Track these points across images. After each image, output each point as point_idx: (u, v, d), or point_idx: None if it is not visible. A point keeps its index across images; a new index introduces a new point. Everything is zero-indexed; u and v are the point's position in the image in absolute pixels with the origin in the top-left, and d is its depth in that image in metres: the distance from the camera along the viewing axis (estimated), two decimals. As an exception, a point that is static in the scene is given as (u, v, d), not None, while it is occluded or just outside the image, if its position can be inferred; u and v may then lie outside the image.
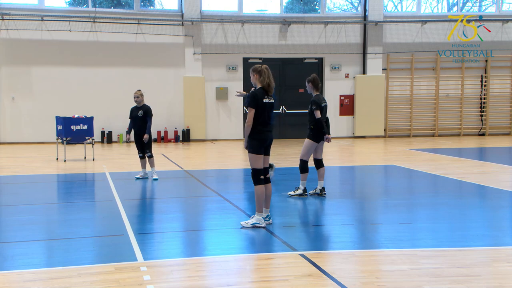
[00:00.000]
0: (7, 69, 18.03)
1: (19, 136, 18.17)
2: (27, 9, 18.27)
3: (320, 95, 8.72)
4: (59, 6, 19.17)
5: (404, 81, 20.95)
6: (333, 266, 5.33)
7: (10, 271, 5.13)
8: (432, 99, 21.11)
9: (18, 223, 7.09)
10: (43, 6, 18.45)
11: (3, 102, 17.97)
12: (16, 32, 17.92)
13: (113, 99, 18.36)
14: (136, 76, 18.57)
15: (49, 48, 18.26)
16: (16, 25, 17.89)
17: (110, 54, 18.75)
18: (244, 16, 19.79)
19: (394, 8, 22.87)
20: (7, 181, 10.91)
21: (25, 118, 18.18)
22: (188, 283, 4.80)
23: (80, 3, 19.94)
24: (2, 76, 17.98)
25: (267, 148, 6.79)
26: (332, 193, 8.93)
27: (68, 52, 18.40)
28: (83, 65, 18.54)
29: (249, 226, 6.65)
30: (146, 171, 10.67)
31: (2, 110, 17.90)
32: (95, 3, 19.29)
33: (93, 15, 18.38)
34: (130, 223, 6.92)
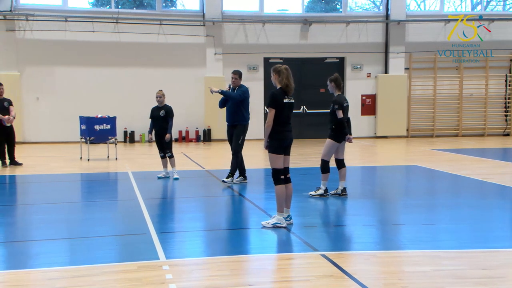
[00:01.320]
0: (31, 69, 18.30)
1: (43, 136, 18.43)
2: (51, 10, 18.52)
3: (342, 95, 8.68)
4: (82, 7, 19.41)
5: (427, 81, 20.74)
6: (354, 266, 5.30)
7: (34, 269, 5.21)
8: (455, 98, 20.87)
9: (42, 222, 7.19)
10: (67, 7, 18.69)
11: (27, 102, 18.23)
12: (40, 33, 18.17)
13: (135, 99, 18.50)
14: (157, 76, 18.69)
15: (72, 49, 18.48)
16: (40, 26, 18.15)
17: (132, 54, 18.91)
18: (265, 16, 19.79)
19: (417, 7, 22.64)
20: (32, 180, 11.08)
21: (49, 118, 18.42)
22: (209, 282, 4.82)
23: (103, 4, 20.15)
24: (26, 76, 18.25)
25: (287, 148, 6.79)
26: (353, 194, 8.88)
27: (91, 52, 18.61)
28: (106, 65, 18.73)
29: (270, 226, 6.64)
30: (167, 171, 10.74)
31: (26, 110, 18.16)
32: (118, 4, 19.48)
33: (115, 16, 18.56)
34: (152, 222, 6.97)
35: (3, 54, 17.87)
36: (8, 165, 12.43)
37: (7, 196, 9.83)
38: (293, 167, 7.36)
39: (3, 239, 6.39)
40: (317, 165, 8.88)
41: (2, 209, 8.27)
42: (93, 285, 4.69)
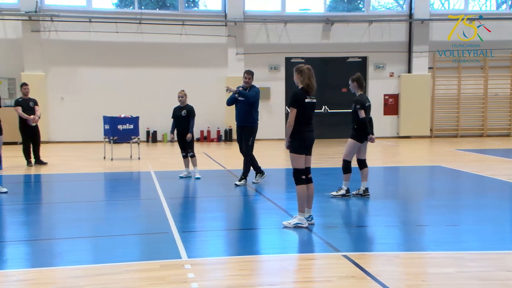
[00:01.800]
0: (56, 69, 18.56)
1: (67, 135, 18.67)
2: (75, 10, 18.76)
3: (364, 95, 8.62)
4: (106, 8, 19.61)
5: (451, 80, 20.48)
6: (377, 267, 5.26)
7: (59, 267, 5.27)
8: (480, 98, 20.57)
9: (66, 220, 7.29)
10: (91, 7, 18.91)
11: (52, 102, 18.50)
12: (65, 34, 18.42)
13: (157, 99, 18.63)
14: (179, 76, 18.80)
15: (96, 49, 18.70)
16: (64, 27, 18.40)
17: (154, 54, 19.05)
18: (287, 16, 19.76)
19: (441, 5, 22.37)
20: (56, 179, 11.24)
21: (73, 118, 18.65)
22: (231, 282, 4.83)
23: (126, 4, 20.35)
24: (51, 76, 18.51)
25: (309, 148, 6.76)
26: (375, 194, 8.81)
27: (114, 53, 18.80)
28: (129, 65, 18.90)
29: (291, 226, 6.63)
30: (189, 170, 10.80)
31: (51, 110, 18.43)
32: (141, 5, 19.65)
33: (139, 17, 18.72)
34: (174, 221, 7.01)
35: (29, 54, 18.16)
36: (33, 164, 12.63)
37: (32, 195, 9.99)
38: (314, 167, 7.32)
39: (28, 237, 6.50)
40: (339, 165, 8.84)
41: (27, 208, 8.42)
42: (116, 284, 4.73)
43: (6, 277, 5.00)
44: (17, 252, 5.86)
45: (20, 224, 7.17)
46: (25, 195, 9.80)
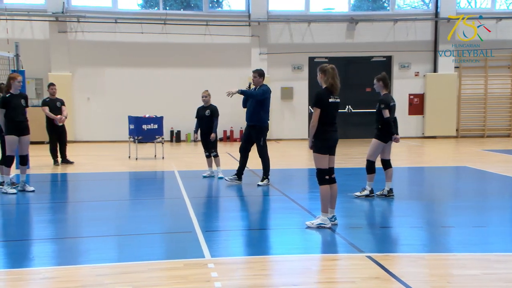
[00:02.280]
0: (82, 70, 18.82)
1: (93, 135, 18.92)
2: (101, 11, 18.98)
3: (389, 94, 8.54)
4: (131, 9, 19.81)
5: (478, 80, 20.16)
6: (401, 269, 5.21)
7: (84, 265, 5.35)
8: (507, 98, 20.23)
9: (92, 219, 7.38)
10: (117, 8, 19.12)
11: (78, 102, 18.76)
12: (91, 34, 18.67)
13: (181, 99, 18.74)
14: (203, 76, 18.89)
15: (121, 50, 18.90)
16: (90, 27, 18.65)
17: (179, 55, 19.17)
18: (311, 16, 19.70)
19: (468, 4, 22.04)
20: (82, 178, 11.39)
21: (99, 118, 18.89)
22: (254, 281, 4.83)
23: (151, 5, 20.52)
24: (77, 77, 18.78)
25: (333, 148, 6.73)
26: (400, 195, 8.72)
27: (139, 53, 18.98)
28: (153, 66, 19.06)
29: (314, 226, 6.61)
30: (212, 170, 10.84)
31: (77, 109, 18.69)
32: (166, 5, 19.79)
33: (163, 17, 18.86)
34: (198, 220, 7.04)
35: (56, 55, 18.45)
36: (60, 164, 12.83)
37: (58, 194, 10.15)
38: (338, 167, 7.28)
39: (54, 236, 6.60)
40: (363, 166, 8.77)
41: (54, 206, 8.55)
42: (140, 282, 4.78)
43: (32, 275, 5.09)
44: (44, 250, 5.95)
45: (47, 223, 7.29)
46: (52, 193, 9.97)
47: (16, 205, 8.41)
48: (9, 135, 9.01)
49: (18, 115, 9.02)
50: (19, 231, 6.83)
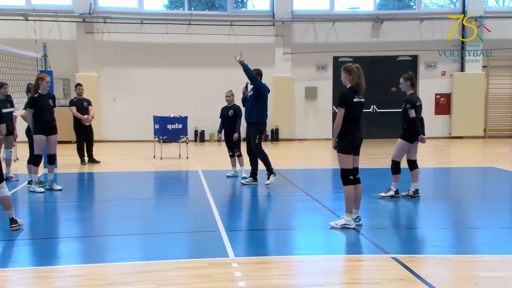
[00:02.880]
0: (109, 70, 19.04)
1: (118, 135, 19.14)
2: (128, 12, 19.17)
3: (415, 94, 8.45)
4: (157, 10, 19.97)
5: (506, 79, 19.80)
6: (427, 270, 5.15)
7: (110, 263, 5.42)
8: (537, 97, 19.83)
9: (117, 218, 7.46)
10: (143, 9, 19.30)
11: (104, 102, 18.99)
12: (117, 35, 18.88)
13: (205, 99, 18.82)
14: (227, 76, 18.90)
15: (147, 50, 19.07)
16: (117, 28, 18.86)
17: (203, 55, 19.25)
18: (336, 15, 19.60)
19: (495, 3, 21.66)
20: (108, 177, 11.53)
21: (125, 118, 19.10)
22: (278, 281, 4.83)
23: (176, 6, 20.67)
24: (104, 77, 19.02)
25: (357, 148, 6.68)
26: (426, 196, 8.62)
27: (164, 54, 19.12)
28: (178, 66, 19.19)
29: (339, 227, 6.57)
30: (236, 170, 10.87)
31: (103, 109, 18.92)
32: (191, 6, 19.91)
33: (188, 18, 18.98)
34: (221, 220, 7.07)
35: (83, 55, 18.71)
36: (86, 163, 13.01)
37: (85, 192, 10.30)
38: (362, 167, 7.23)
39: (81, 234, 6.69)
40: (388, 166, 8.70)
41: (80, 205, 8.68)
42: (165, 280, 4.81)
43: (59, 273, 5.17)
44: (71, 248, 6.03)
45: (74, 221, 7.39)
46: (79, 192, 10.11)
47: (43, 204, 8.56)
48: (37, 134, 9.16)
49: (46, 115, 9.16)
50: (47, 229, 6.95)
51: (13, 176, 10.55)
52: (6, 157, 10.46)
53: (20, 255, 5.80)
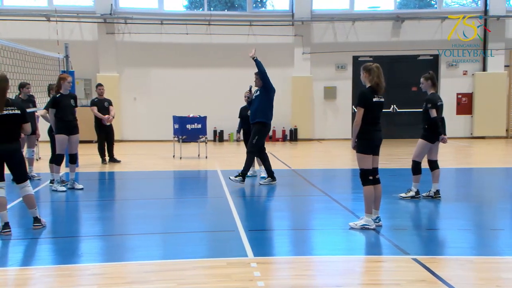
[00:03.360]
0: (129, 71, 19.21)
1: (139, 134, 19.29)
2: (148, 13, 19.32)
3: (436, 94, 8.36)
4: (177, 10, 20.09)
5: (529, 78, 19.50)
6: (449, 272, 5.09)
7: (131, 262, 5.45)
8: (561, 97, 19.48)
9: (138, 217, 7.52)
10: (163, 10, 19.43)
11: (125, 102, 19.16)
12: (137, 36, 19.04)
13: (224, 99, 18.88)
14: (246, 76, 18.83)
15: (167, 51, 19.19)
16: (137, 29, 19.01)
17: (222, 55, 19.31)
18: (355, 14, 19.50)
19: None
20: (128, 177, 11.63)
21: (145, 118, 19.25)
22: (297, 281, 4.82)
23: (196, 6, 20.75)
24: (124, 77, 19.18)
25: (376, 148, 6.63)
26: (447, 196, 8.53)
27: (184, 54, 19.22)
28: (197, 66, 19.27)
29: (358, 227, 6.54)
30: (255, 169, 10.86)
31: (124, 109, 19.08)
32: (210, 6, 19.97)
33: (208, 18, 19.05)
34: (240, 220, 7.07)
35: (104, 56, 18.91)
36: (107, 162, 13.13)
37: (106, 192, 10.40)
38: (382, 167, 7.18)
39: (102, 233, 6.76)
40: (408, 166, 8.62)
41: (101, 204, 8.77)
42: (184, 279, 4.83)
43: (81, 271, 5.22)
44: (92, 247, 6.09)
45: (95, 220, 7.47)
46: (100, 191, 10.22)
47: (65, 203, 8.66)
48: (59, 134, 9.27)
49: (68, 115, 9.27)
50: (69, 228, 7.03)
51: (36, 175, 10.70)
52: (29, 157, 10.61)
53: (42, 254, 5.88)
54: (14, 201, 8.02)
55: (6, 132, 6.40)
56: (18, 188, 6.64)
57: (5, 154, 6.41)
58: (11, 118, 6.40)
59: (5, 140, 6.39)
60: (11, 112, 6.39)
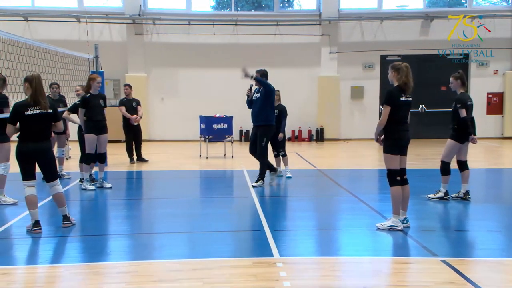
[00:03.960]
0: (157, 71, 19.39)
1: (167, 134, 19.45)
2: (176, 14, 19.45)
3: (466, 93, 8.23)
4: (204, 11, 20.20)
5: None
6: (478, 274, 5.01)
7: (158, 260, 5.50)
8: None
9: (164, 216, 7.58)
10: (190, 11, 19.56)
11: (152, 102, 19.35)
12: (165, 36, 19.20)
13: (251, 99, 18.86)
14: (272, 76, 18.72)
15: (194, 51, 19.30)
16: (165, 30, 19.18)
17: (249, 55, 19.29)
18: (384, 13, 19.31)
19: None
20: (156, 176, 11.74)
21: (172, 117, 19.40)
22: (323, 282, 4.80)
23: (223, 7, 20.83)
24: (152, 78, 19.37)
25: (404, 148, 6.56)
26: (477, 197, 8.38)
27: (211, 54, 19.31)
28: (224, 66, 19.31)
29: (385, 228, 6.47)
30: (280, 169, 10.85)
31: (151, 109, 19.26)
32: (237, 6, 20.02)
33: (235, 18, 19.10)
34: (266, 219, 7.07)
35: (133, 56, 19.12)
36: (135, 162, 13.28)
37: (134, 191, 10.52)
38: (410, 168, 7.10)
39: (129, 231, 6.83)
40: (436, 167, 8.50)
41: (129, 203, 8.88)
42: (210, 278, 4.86)
43: (109, 269, 5.29)
44: (119, 245, 6.17)
45: (123, 218, 7.56)
46: (127, 190, 10.34)
47: (94, 201, 8.79)
48: (88, 133, 9.42)
49: (97, 115, 9.41)
50: (97, 226, 7.13)
51: (65, 174, 10.88)
52: (59, 156, 10.79)
53: (71, 252, 5.98)
54: (45, 199, 8.16)
55: (38, 132, 6.53)
56: (48, 187, 6.77)
57: (36, 153, 6.54)
58: (44, 117, 6.53)
59: (36, 139, 6.52)
60: (44, 112, 6.52)
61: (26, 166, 6.54)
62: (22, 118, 6.44)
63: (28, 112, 6.43)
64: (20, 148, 6.50)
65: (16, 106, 6.53)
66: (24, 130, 6.49)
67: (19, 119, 6.46)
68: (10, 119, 6.55)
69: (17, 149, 6.53)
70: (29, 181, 6.55)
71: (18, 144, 6.53)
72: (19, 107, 6.49)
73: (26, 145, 6.48)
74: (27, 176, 6.55)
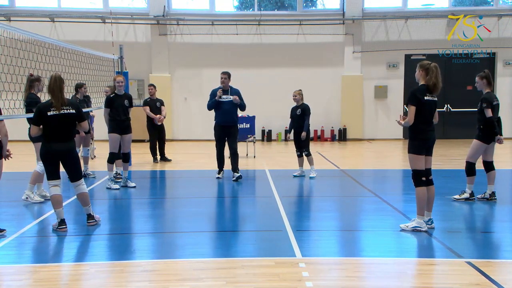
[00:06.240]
0: (180, 71, 19.51)
1: (190, 134, 19.57)
2: (200, 14, 19.53)
3: (492, 93, 8.11)
4: (228, 11, 20.25)
5: None
6: (504, 276, 4.93)
7: (182, 259, 5.54)
8: None
9: (188, 215, 7.64)
10: (214, 11, 19.63)
11: (176, 102, 19.48)
12: (189, 37, 19.31)
13: (273, 98, 18.88)
14: (295, 76, 18.90)
15: (217, 51, 19.36)
16: (189, 30, 19.29)
17: (272, 55, 19.32)
18: (408, 12, 19.11)
19: None
20: (179, 175, 11.82)
21: (195, 117, 19.50)
22: (347, 283, 4.77)
23: (246, 7, 20.86)
24: (176, 78, 19.50)
25: (429, 149, 6.49)
26: (503, 199, 8.25)
27: (234, 54, 19.34)
28: (247, 66, 19.33)
29: (409, 229, 6.41)
30: (303, 169, 10.84)
31: (176, 109, 19.40)
32: (260, 6, 20.03)
33: (258, 18, 19.11)
34: (288, 219, 7.07)
35: (157, 57, 19.27)
36: (159, 161, 13.39)
37: (158, 190, 10.61)
38: (435, 168, 7.03)
39: (154, 230, 6.90)
40: (462, 167, 8.39)
41: (153, 202, 8.95)
42: (233, 278, 4.88)
43: (133, 267, 5.34)
44: (144, 244, 6.24)
45: (147, 217, 7.64)
46: (151, 190, 10.43)
47: (119, 200, 8.89)
48: (112, 133, 9.54)
49: (120, 114, 9.53)
50: (122, 225, 7.21)
51: (91, 173, 11.02)
52: (84, 155, 10.95)
53: (96, 250, 6.06)
54: (70, 198, 8.28)
55: (62, 132, 6.62)
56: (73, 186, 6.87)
57: (61, 153, 6.64)
58: (67, 117, 6.63)
59: (60, 139, 6.62)
60: (66, 112, 6.61)
61: (50, 166, 6.64)
62: (45, 119, 6.54)
63: (50, 112, 6.53)
64: (44, 148, 6.61)
65: (39, 107, 6.64)
66: (47, 131, 6.59)
67: (43, 120, 6.56)
68: (34, 120, 6.66)
69: (41, 149, 6.65)
70: (53, 181, 6.66)
71: (42, 144, 6.64)
72: (41, 107, 6.60)
73: (50, 145, 6.58)
74: (51, 176, 6.66)
